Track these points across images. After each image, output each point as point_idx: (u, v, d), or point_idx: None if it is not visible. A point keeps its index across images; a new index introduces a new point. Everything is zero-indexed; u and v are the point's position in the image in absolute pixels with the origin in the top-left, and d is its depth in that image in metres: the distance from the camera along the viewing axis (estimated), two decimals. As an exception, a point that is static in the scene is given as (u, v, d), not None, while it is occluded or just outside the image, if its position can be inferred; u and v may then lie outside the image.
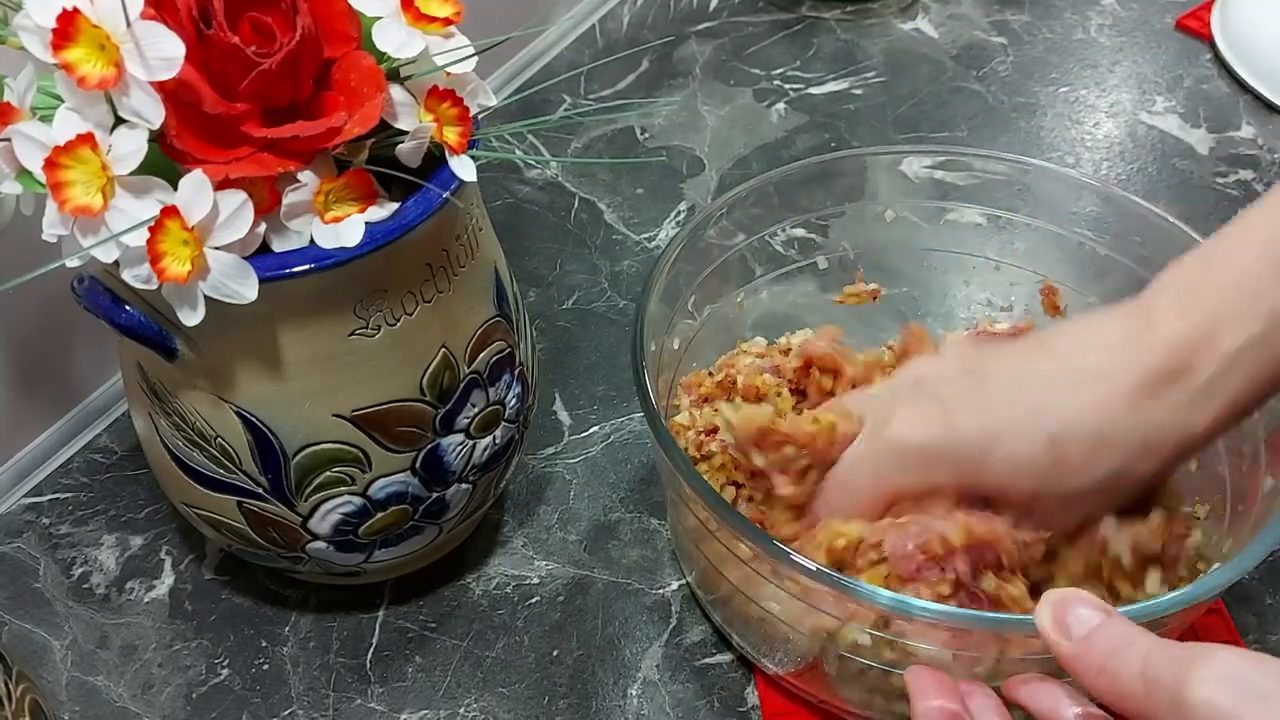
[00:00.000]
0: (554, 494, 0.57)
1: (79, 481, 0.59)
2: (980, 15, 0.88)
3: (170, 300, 0.38)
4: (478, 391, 0.46)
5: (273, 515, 0.45)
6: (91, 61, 0.34)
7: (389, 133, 0.40)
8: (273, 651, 0.52)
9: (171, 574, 0.55)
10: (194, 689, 0.50)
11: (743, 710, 0.49)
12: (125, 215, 0.36)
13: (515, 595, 0.53)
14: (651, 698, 0.49)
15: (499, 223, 0.52)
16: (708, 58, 0.83)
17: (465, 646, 0.52)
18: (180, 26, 0.35)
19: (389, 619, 0.53)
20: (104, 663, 0.51)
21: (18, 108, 0.36)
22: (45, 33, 0.34)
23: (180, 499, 0.48)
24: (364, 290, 0.41)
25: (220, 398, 0.43)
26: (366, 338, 0.42)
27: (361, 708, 0.50)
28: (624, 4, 0.88)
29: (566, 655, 0.51)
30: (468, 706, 0.49)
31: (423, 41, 0.39)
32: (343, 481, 0.45)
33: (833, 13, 0.88)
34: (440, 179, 0.41)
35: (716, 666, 0.50)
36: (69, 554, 0.56)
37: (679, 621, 0.52)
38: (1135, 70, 0.83)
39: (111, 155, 0.35)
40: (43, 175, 0.35)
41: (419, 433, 0.45)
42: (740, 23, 0.87)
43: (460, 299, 0.45)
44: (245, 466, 0.44)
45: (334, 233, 0.39)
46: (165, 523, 0.57)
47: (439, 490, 0.47)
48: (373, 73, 0.38)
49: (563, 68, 0.82)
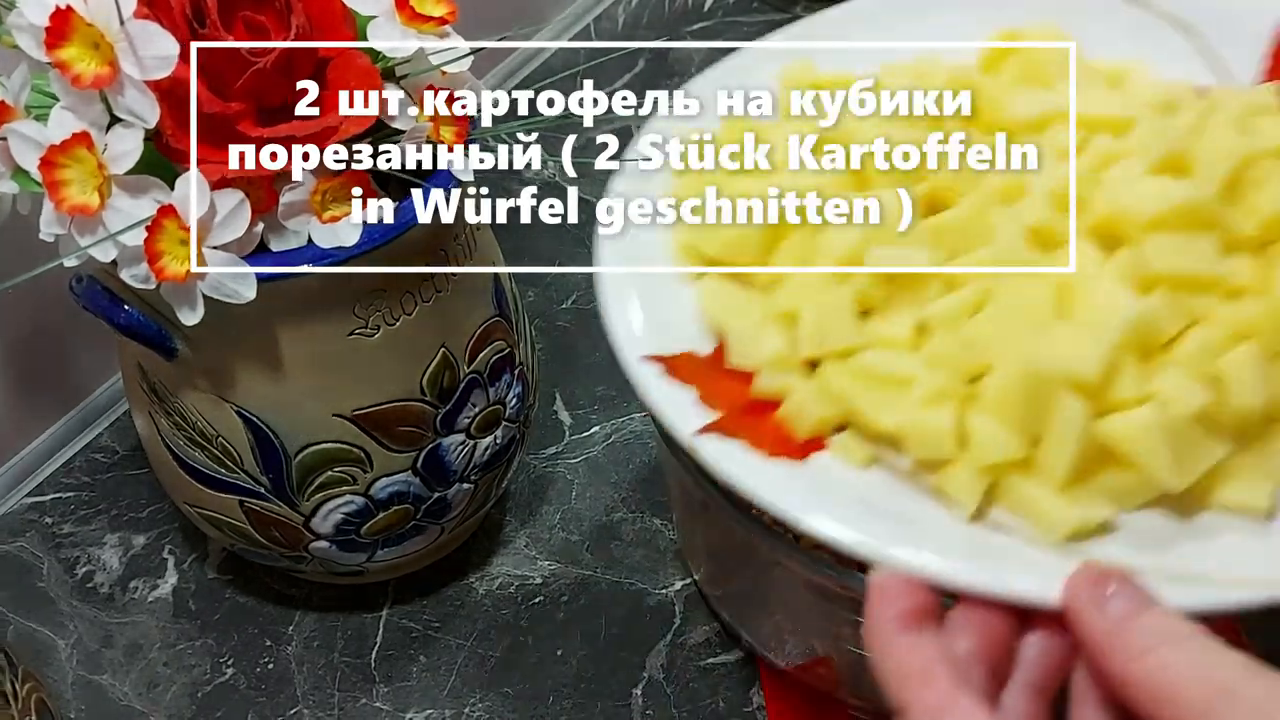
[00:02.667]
0: (556, 494, 0.57)
1: (81, 481, 0.59)
2: (987, 9, 0.87)
3: (169, 299, 0.38)
4: (478, 391, 0.46)
5: (275, 515, 0.45)
6: (86, 60, 0.34)
7: (385, 132, 0.40)
8: (277, 651, 0.52)
9: (175, 573, 0.55)
10: (199, 688, 0.50)
11: (748, 710, 0.49)
12: (122, 214, 0.36)
13: (518, 595, 0.53)
14: (656, 697, 0.49)
15: (498, 223, 0.52)
16: (703, 57, 0.83)
17: (469, 646, 0.51)
18: (174, 25, 0.35)
19: (393, 618, 0.53)
20: (109, 662, 0.51)
21: (12, 106, 0.36)
22: (39, 31, 0.34)
23: (182, 499, 0.48)
24: (363, 290, 0.41)
25: (221, 397, 0.43)
26: (366, 337, 0.42)
27: (367, 707, 0.49)
28: (618, 3, 0.88)
29: (570, 655, 0.51)
30: (473, 706, 0.49)
31: (417, 41, 0.39)
32: (344, 481, 0.45)
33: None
34: (438, 179, 0.41)
35: (721, 666, 0.50)
36: (72, 553, 0.56)
37: (683, 621, 0.52)
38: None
39: (107, 154, 0.35)
40: (39, 174, 0.35)
41: (420, 432, 0.45)
42: (735, 22, 0.86)
43: (459, 299, 0.45)
44: (246, 466, 0.44)
45: (332, 232, 0.39)
46: (168, 522, 0.57)
47: (440, 490, 0.47)
48: (368, 72, 0.38)
49: (558, 67, 0.82)
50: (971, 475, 0.33)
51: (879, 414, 0.34)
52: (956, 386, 0.34)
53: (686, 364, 0.37)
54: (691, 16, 0.87)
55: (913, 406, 0.34)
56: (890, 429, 0.34)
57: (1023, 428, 0.33)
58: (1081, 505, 0.33)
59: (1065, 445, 0.32)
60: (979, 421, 0.33)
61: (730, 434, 0.35)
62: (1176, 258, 0.34)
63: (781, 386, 0.36)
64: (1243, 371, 0.33)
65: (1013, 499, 0.34)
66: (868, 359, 0.35)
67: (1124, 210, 0.36)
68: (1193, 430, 0.32)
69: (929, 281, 0.36)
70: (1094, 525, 0.32)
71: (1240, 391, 0.33)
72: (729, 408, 0.35)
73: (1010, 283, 0.35)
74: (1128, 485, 0.33)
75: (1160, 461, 0.32)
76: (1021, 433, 0.33)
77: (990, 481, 0.33)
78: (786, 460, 0.34)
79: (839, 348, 0.36)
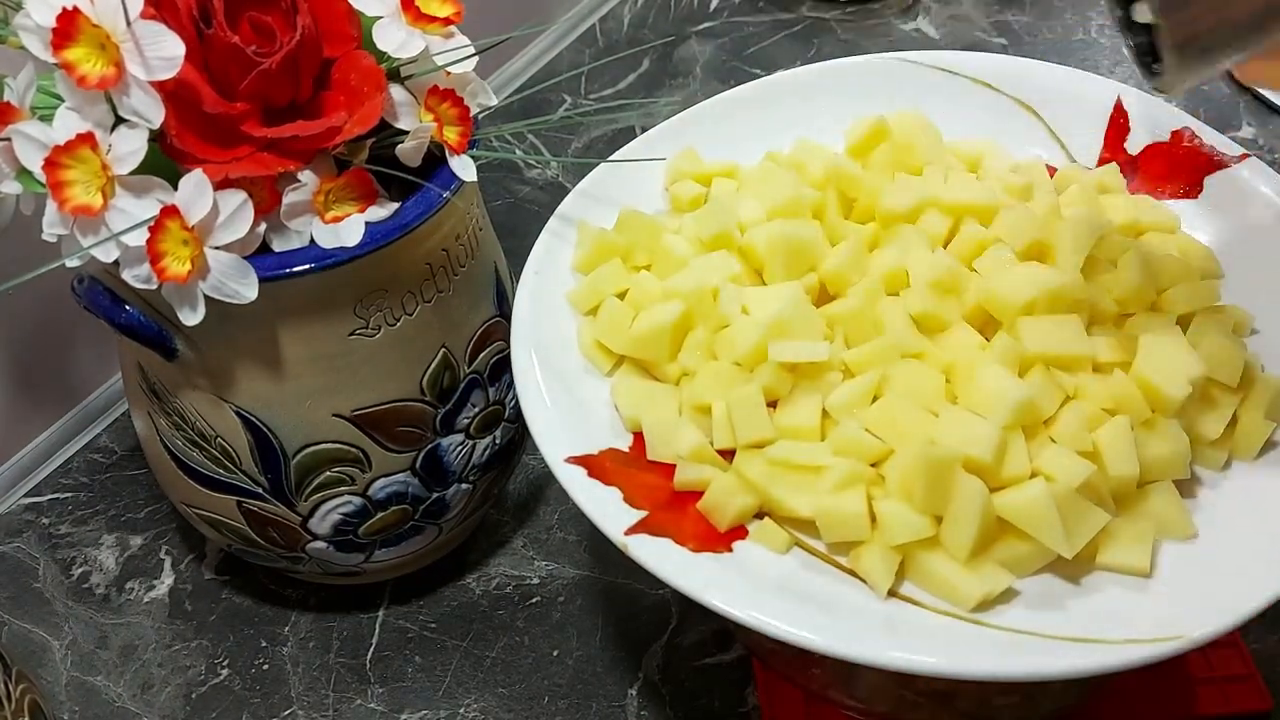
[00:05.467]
0: (554, 494, 0.57)
1: (79, 481, 0.59)
2: (981, 16, 0.88)
3: (170, 300, 0.38)
4: (478, 391, 0.46)
5: (272, 515, 0.45)
6: (91, 61, 0.34)
7: (389, 132, 0.40)
8: (273, 651, 0.52)
9: (171, 574, 0.55)
10: (194, 689, 0.50)
11: (743, 710, 0.49)
12: (125, 215, 0.36)
13: (515, 595, 0.53)
14: (651, 698, 0.49)
15: (499, 223, 0.52)
16: (708, 58, 0.83)
17: (465, 647, 0.51)
18: (180, 26, 0.35)
19: (389, 619, 0.53)
20: (103, 663, 0.51)
21: (18, 107, 0.36)
22: (45, 32, 0.34)
23: (180, 499, 0.48)
24: (364, 290, 0.41)
25: (220, 397, 0.43)
26: (366, 338, 0.42)
27: (361, 708, 0.50)
28: (624, 4, 0.88)
29: (567, 655, 0.51)
30: (468, 707, 0.49)
31: (423, 41, 0.39)
32: (343, 481, 0.45)
33: (833, 13, 0.88)
34: (440, 179, 0.41)
35: (716, 667, 0.50)
36: (69, 554, 0.56)
37: (679, 622, 0.52)
38: (1136, 71, 0.83)
39: (111, 155, 0.36)
40: (43, 175, 0.35)
41: (419, 433, 0.45)
42: (741, 23, 0.87)
43: (460, 299, 0.45)
44: (245, 466, 0.44)
45: (334, 232, 0.39)
46: (165, 522, 0.57)
47: (439, 490, 0.47)
48: (373, 72, 0.38)
49: (563, 67, 0.82)
50: (884, 555, 0.36)
51: (794, 501, 0.37)
52: (863, 471, 0.37)
53: (609, 462, 0.39)
54: (697, 16, 0.87)
55: (825, 493, 0.37)
56: (806, 515, 0.37)
57: (926, 507, 0.36)
58: (986, 576, 0.36)
59: (968, 522, 0.36)
60: (887, 505, 0.37)
61: (657, 532, 0.37)
62: (1049, 339, 0.39)
63: (700, 478, 0.39)
64: (1117, 443, 0.37)
65: (923, 574, 0.37)
66: (780, 449, 0.38)
67: (998, 297, 0.40)
68: (1078, 501, 0.36)
69: (829, 370, 0.40)
70: (998, 594, 0.36)
71: (1116, 461, 0.37)
72: (652, 505, 0.38)
73: (903, 369, 0.39)
74: (1025, 554, 0.36)
75: (1053, 532, 0.35)
76: (926, 512, 0.36)
77: (900, 559, 0.37)
78: (712, 553, 0.37)
79: (752, 439, 0.39)
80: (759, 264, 0.43)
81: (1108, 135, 0.49)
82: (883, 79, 0.50)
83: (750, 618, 0.34)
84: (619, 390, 0.41)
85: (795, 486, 0.38)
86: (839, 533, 0.37)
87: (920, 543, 0.36)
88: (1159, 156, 0.48)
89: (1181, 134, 0.47)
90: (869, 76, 0.50)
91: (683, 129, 0.49)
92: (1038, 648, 0.34)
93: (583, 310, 0.44)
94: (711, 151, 0.49)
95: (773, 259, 0.42)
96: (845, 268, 0.41)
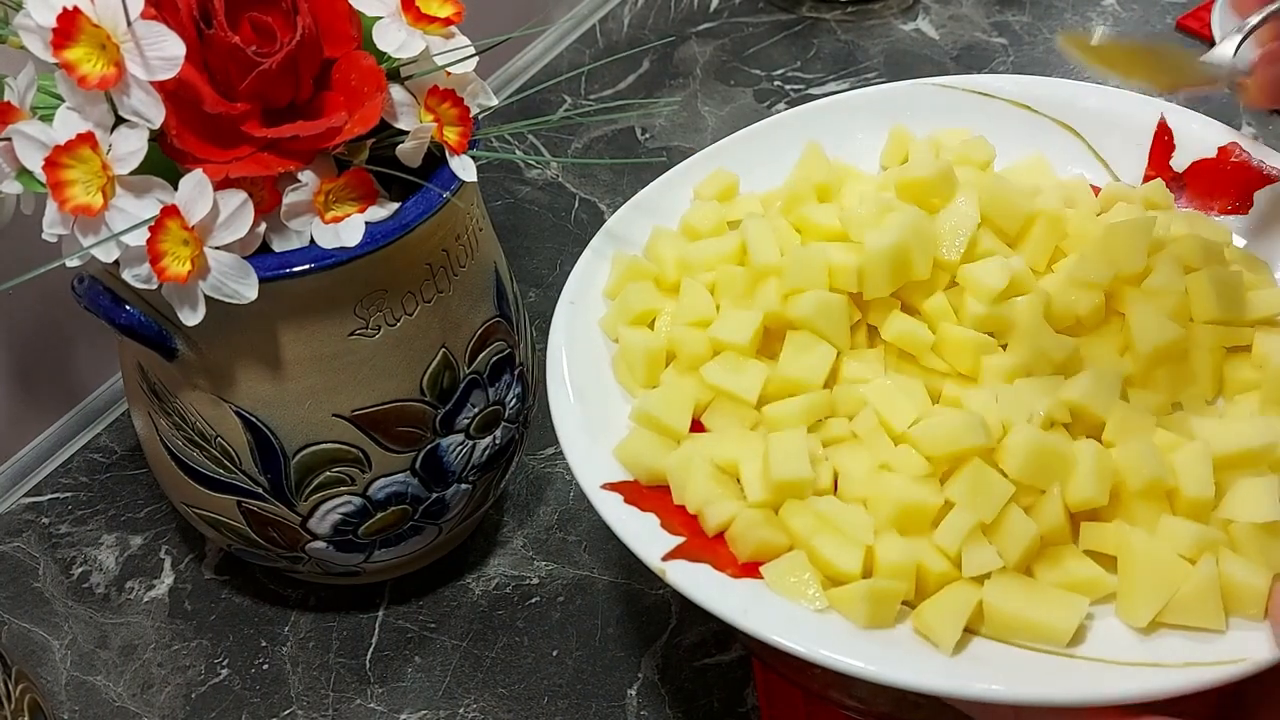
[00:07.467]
0: (554, 494, 0.57)
1: (79, 481, 0.59)
2: (981, 16, 0.88)
3: (170, 300, 0.38)
4: (478, 392, 0.46)
5: (272, 515, 0.45)
6: (92, 61, 0.34)
7: (389, 133, 0.40)
8: (272, 651, 0.52)
9: (171, 574, 0.55)
10: (193, 689, 0.50)
11: (742, 711, 0.49)
12: (125, 215, 0.36)
13: (515, 595, 0.53)
14: (651, 698, 0.49)
15: (499, 223, 0.52)
16: (708, 58, 0.83)
17: (465, 647, 0.52)
18: (181, 26, 0.35)
19: (389, 619, 0.53)
20: (103, 662, 0.51)
21: (18, 107, 0.36)
22: (46, 32, 0.34)
23: (180, 499, 0.48)
24: (364, 290, 0.41)
25: (220, 398, 0.43)
26: (366, 338, 0.42)
27: (361, 708, 0.50)
28: (624, 4, 0.88)
29: (566, 655, 0.51)
30: (467, 707, 0.49)
31: (423, 41, 0.39)
32: (342, 481, 0.45)
33: (833, 13, 0.88)
34: (440, 179, 0.41)
35: (716, 667, 0.50)
36: (69, 553, 0.56)
37: (679, 622, 0.52)
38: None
39: (112, 155, 0.36)
40: (43, 175, 0.35)
41: (419, 433, 0.45)
42: (741, 23, 0.87)
43: (460, 299, 0.45)
44: (245, 466, 0.44)
45: (334, 233, 0.39)
46: (165, 522, 0.57)
47: (439, 490, 0.47)
48: (373, 73, 0.38)
49: (563, 68, 0.82)
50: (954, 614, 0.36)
51: (836, 556, 0.36)
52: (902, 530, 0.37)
53: (644, 489, 0.39)
54: (697, 17, 0.87)
55: None
56: (849, 571, 0.36)
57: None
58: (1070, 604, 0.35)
59: None
60: None
61: (695, 558, 0.37)
62: None
63: (727, 519, 0.38)
64: None
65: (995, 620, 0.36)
66: (821, 506, 0.37)
67: None
68: None
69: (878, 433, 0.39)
70: None
71: None
72: (689, 531, 0.38)
73: None
74: (1091, 580, 0.36)
75: None
76: None
77: None
78: (751, 578, 0.37)
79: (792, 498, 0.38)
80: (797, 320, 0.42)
81: (1152, 153, 0.48)
82: (924, 103, 0.51)
83: (795, 646, 0.34)
84: (628, 447, 0.40)
85: (838, 542, 0.37)
86: None
87: None
88: (1206, 173, 0.47)
89: (1229, 149, 0.47)
90: (904, 100, 0.51)
91: (718, 155, 0.50)
92: (1094, 672, 0.34)
93: (613, 335, 0.44)
94: (749, 178, 0.49)
95: None
96: None
